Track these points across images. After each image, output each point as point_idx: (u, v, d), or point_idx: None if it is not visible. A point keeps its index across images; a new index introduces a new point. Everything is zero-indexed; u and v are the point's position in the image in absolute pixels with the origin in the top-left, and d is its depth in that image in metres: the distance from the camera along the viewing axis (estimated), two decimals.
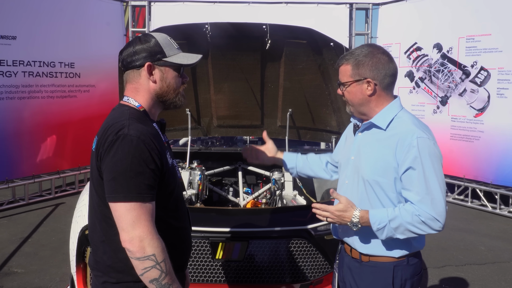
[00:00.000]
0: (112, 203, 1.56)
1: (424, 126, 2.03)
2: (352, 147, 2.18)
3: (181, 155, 4.54)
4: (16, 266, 4.65)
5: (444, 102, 7.43)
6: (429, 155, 1.92)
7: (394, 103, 2.08)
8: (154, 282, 1.56)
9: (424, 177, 1.92)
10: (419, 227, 1.92)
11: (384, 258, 2.05)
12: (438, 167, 1.95)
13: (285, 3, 8.27)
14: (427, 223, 1.90)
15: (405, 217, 1.92)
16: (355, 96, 2.07)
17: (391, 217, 1.93)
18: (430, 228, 1.92)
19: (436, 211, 1.90)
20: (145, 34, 1.79)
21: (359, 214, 1.99)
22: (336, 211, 2.01)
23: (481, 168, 7.03)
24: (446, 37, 7.32)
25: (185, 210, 1.88)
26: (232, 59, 4.18)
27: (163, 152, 1.66)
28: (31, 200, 7.07)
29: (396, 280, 2.02)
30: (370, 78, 2.02)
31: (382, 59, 2.02)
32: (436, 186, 1.92)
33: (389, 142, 1.99)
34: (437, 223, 1.91)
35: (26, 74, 6.73)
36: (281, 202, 4.07)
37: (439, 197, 1.91)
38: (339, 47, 3.76)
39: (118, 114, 1.69)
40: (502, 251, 5.33)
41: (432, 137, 1.97)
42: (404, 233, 1.94)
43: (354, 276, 2.13)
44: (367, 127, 2.11)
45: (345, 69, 2.06)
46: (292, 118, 4.48)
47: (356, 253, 2.11)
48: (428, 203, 1.91)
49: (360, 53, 2.03)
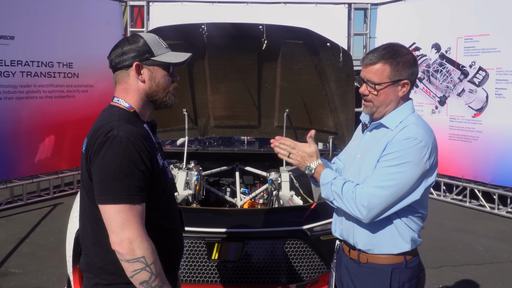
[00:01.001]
0: (102, 205, 1.56)
1: (425, 131, 1.95)
2: (359, 145, 2.14)
3: (178, 156, 4.54)
4: (13, 267, 4.65)
5: (442, 102, 7.43)
6: (405, 156, 1.88)
7: (406, 105, 2.03)
8: (144, 284, 1.56)
9: (385, 171, 1.90)
10: (350, 205, 1.94)
11: (383, 260, 2.02)
12: (408, 169, 1.88)
13: (283, 3, 8.27)
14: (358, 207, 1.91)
15: (346, 186, 1.96)
16: (387, 98, 1.99)
17: (336, 181, 1.99)
18: (357, 213, 1.93)
19: (368, 204, 1.89)
20: (133, 34, 1.79)
21: (317, 164, 2.09)
22: (303, 151, 2.11)
23: (479, 168, 7.02)
24: (445, 37, 7.32)
25: (177, 210, 1.87)
26: (229, 59, 4.18)
27: (153, 153, 1.66)
28: (29, 200, 7.07)
29: (393, 282, 2.00)
30: (407, 80, 1.97)
31: (413, 59, 1.99)
32: (389, 178, 1.88)
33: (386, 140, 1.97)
34: (363, 213, 1.91)
35: (24, 74, 6.73)
36: (278, 202, 4.08)
37: (380, 196, 1.88)
38: (336, 47, 3.76)
39: (108, 115, 1.69)
40: (499, 251, 5.33)
41: (425, 143, 1.90)
42: (337, 200, 1.99)
43: (352, 277, 2.11)
44: (376, 127, 2.07)
45: (382, 69, 1.95)
46: (289, 118, 4.48)
47: (355, 253, 2.09)
48: (372, 186, 1.90)
49: (395, 53, 1.96)
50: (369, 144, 2.07)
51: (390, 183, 1.88)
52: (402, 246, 2.01)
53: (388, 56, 1.95)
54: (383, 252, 2.02)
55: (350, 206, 1.94)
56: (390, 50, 1.97)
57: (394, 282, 2.00)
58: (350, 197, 1.93)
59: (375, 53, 1.98)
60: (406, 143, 1.89)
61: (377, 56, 1.97)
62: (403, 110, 2.02)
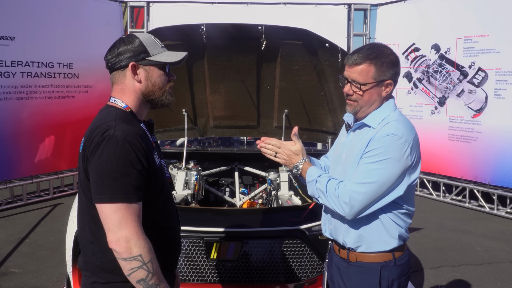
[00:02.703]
0: (99, 204, 1.57)
1: (406, 127, 1.96)
2: (344, 145, 2.17)
3: (178, 156, 4.55)
4: (13, 266, 4.66)
5: (442, 103, 7.44)
6: (386, 153, 1.90)
7: (388, 103, 2.06)
8: (141, 282, 1.57)
9: (366, 168, 1.92)
10: (334, 202, 1.96)
11: (372, 258, 2.04)
12: (389, 166, 1.90)
13: (283, 3, 8.28)
14: (340, 204, 1.93)
15: (330, 182, 1.99)
16: (371, 98, 2.01)
17: (320, 178, 2.02)
18: (340, 210, 1.95)
19: (350, 201, 1.91)
20: (129, 35, 1.80)
21: (303, 162, 2.12)
22: (289, 150, 2.14)
23: (478, 168, 7.03)
24: (444, 37, 7.33)
25: (174, 209, 1.88)
26: (228, 60, 4.19)
27: (150, 152, 1.67)
28: (29, 201, 7.08)
29: (383, 280, 2.02)
30: (391, 80, 2.00)
31: (396, 59, 2.01)
32: (371, 175, 1.90)
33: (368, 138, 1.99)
34: (346, 210, 1.93)
35: (24, 74, 6.74)
36: (277, 202, 4.09)
37: (362, 192, 1.90)
38: (335, 48, 3.77)
39: (104, 115, 1.70)
40: (498, 251, 5.34)
41: (406, 139, 1.91)
42: (321, 197, 2.02)
43: (342, 275, 2.14)
44: (359, 127, 2.09)
45: (367, 69, 1.97)
46: (288, 118, 4.49)
47: (344, 252, 2.11)
48: (350, 191, 1.92)
49: (380, 53, 1.97)
50: (353, 143, 2.09)
51: (371, 179, 1.91)
52: (390, 242, 2.02)
53: (372, 56, 1.97)
54: (371, 250, 2.04)
55: (334, 203, 1.97)
56: (374, 50, 1.99)
57: (383, 280, 2.02)
58: (333, 194, 1.96)
59: (359, 53, 1.99)
60: (387, 139, 1.91)
61: (362, 56, 1.98)
62: (385, 109, 2.04)
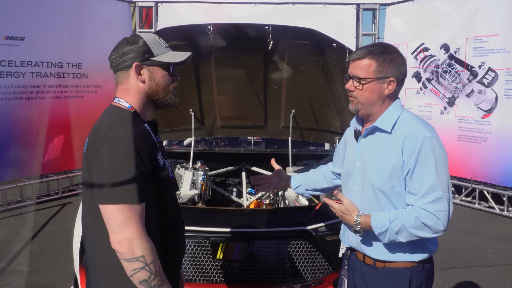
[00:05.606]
0: (102, 205, 1.57)
1: (428, 124, 1.98)
2: (356, 153, 2.10)
3: (185, 156, 4.56)
4: (22, 265, 4.70)
5: (451, 103, 7.37)
6: (433, 155, 1.87)
7: (395, 104, 2.02)
8: (144, 283, 1.57)
9: (426, 177, 1.86)
10: (421, 229, 1.86)
11: (401, 264, 1.99)
12: (442, 166, 1.88)
13: (291, 3, 8.26)
14: (428, 224, 1.84)
15: (406, 219, 1.87)
16: (371, 95, 1.97)
17: (392, 219, 1.88)
18: (431, 230, 1.85)
19: (437, 211, 1.84)
20: (133, 35, 1.80)
21: (360, 219, 1.96)
22: (338, 210, 2.03)
23: (488, 169, 6.96)
24: (454, 37, 7.27)
25: (178, 209, 1.88)
26: (235, 60, 4.19)
27: (153, 152, 1.67)
28: (39, 200, 7.14)
29: (412, 285, 1.97)
30: (393, 78, 1.96)
31: (402, 60, 1.98)
32: (438, 186, 1.85)
33: (396, 145, 1.93)
34: (439, 224, 1.84)
35: (34, 74, 6.79)
36: (283, 202, 4.07)
37: (440, 197, 1.85)
38: (342, 47, 3.74)
39: (108, 115, 1.70)
40: (508, 253, 5.28)
41: (436, 136, 1.92)
42: (406, 236, 1.89)
43: (367, 282, 2.06)
44: (371, 132, 2.04)
45: (368, 64, 1.95)
46: (295, 118, 4.47)
47: (370, 260, 2.05)
48: (429, 203, 1.85)
49: (383, 51, 1.96)
50: (369, 150, 2.03)
51: (440, 190, 1.87)
52: (420, 255, 1.99)
53: (375, 52, 1.95)
54: (400, 260, 1.99)
55: (426, 231, 1.88)
56: (378, 47, 1.97)
57: (412, 285, 1.98)
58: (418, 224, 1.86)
59: (363, 49, 1.98)
60: (425, 145, 1.87)
61: (365, 51, 1.96)
62: (394, 110, 2.01)
